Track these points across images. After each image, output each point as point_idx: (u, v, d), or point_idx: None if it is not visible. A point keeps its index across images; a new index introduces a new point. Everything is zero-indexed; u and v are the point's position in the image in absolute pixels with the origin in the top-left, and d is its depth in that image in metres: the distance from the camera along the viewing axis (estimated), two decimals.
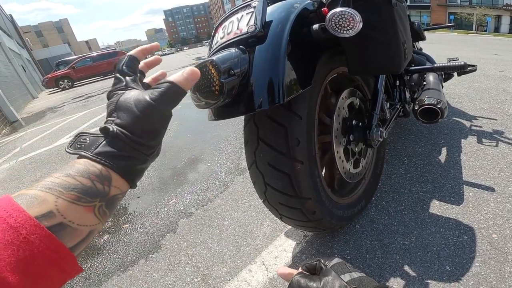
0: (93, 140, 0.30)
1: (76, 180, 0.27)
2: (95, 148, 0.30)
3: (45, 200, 0.25)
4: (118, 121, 0.31)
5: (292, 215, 0.84)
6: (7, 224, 0.22)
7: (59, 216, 0.25)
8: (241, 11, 0.71)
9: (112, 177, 0.29)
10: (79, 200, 0.26)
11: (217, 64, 0.57)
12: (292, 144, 0.72)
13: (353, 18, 0.63)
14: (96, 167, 0.29)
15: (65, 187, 0.26)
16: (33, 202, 0.24)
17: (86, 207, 0.27)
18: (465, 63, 1.12)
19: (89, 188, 0.27)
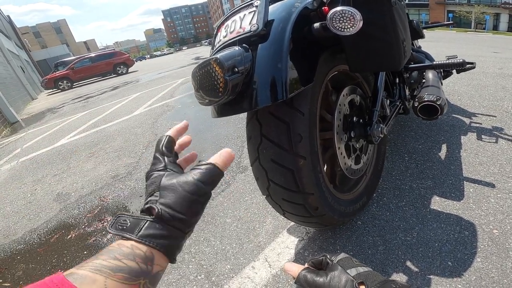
0: (134, 222, 0.33)
1: (122, 263, 0.29)
2: (139, 231, 0.32)
3: (96, 280, 0.27)
4: (162, 201, 0.33)
5: (295, 211, 0.84)
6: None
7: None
8: (243, 10, 0.72)
9: (155, 257, 0.32)
10: (126, 280, 0.29)
11: (221, 62, 0.58)
12: (294, 140, 0.73)
13: (354, 17, 0.65)
14: (141, 250, 0.31)
15: (113, 269, 0.28)
16: (84, 281, 0.26)
17: (132, 285, 0.29)
18: (463, 60, 1.13)
19: (134, 269, 0.30)
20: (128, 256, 0.30)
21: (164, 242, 0.32)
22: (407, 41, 0.85)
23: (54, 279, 0.26)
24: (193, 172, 0.35)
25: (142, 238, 0.32)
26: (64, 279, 0.26)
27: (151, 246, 0.31)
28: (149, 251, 0.31)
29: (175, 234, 0.33)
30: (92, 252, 1.25)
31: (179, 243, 0.34)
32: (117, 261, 0.29)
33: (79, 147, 3.01)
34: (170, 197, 0.34)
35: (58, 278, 0.26)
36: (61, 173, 2.37)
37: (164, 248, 0.32)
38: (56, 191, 2.02)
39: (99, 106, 5.48)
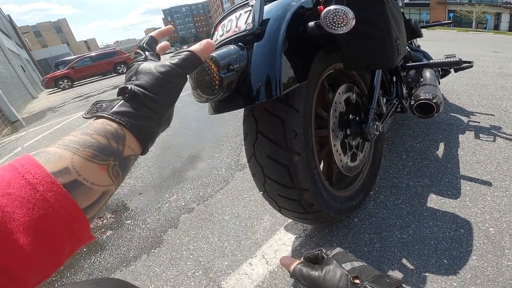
0: (108, 104, 0.32)
1: (92, 138, 0.27)
2: (112, 108, 0.31)
3: (62, 156, 0.25)
4: (137, 82, 0.33)
5: (291, 207, 0.85)
6: (25, 181, 0.22)
7: (74, 173, 0.24)
8: (240, 9, 0.73)
9: (126, 137, 0.30)
10: (95, 158, 0.27)
11: (217, 60, 0.59)
12: (289, 137, 0.74)
13: (346, 15, 0.66)
14: (112, 126, 0.30)
15: (82, 144, 0.26)
16: (51, 158, 0.24)
17: (100, 165, 0.27)
18: (460, 59, 1.14)
19: (104, 146, 0.28)
20: (99, 132, 0.28)
21: (135, 121, 0.31)
22: (401, 39, 0.86)
23: (21, 159, 0.24)
24: (170, 58, 0.36)
25: (113, 114, 0.30)
26: (31, 158, 0.24)
27: (121, 123, 0.30)
28: (120, 128, 0.30)
29: (147, 115, 0.32)
30: (91, 249, 1.26)
31: (151, 127, 0.33)
32: (87, 136, 0.27)
33: None
34: (145, 78, 0.34)
35: (24, 157, 0.24)
36: None
37: (135, 128, 0.31)
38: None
39: None
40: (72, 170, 0.24)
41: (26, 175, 0.22)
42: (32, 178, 0.22)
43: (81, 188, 0.25)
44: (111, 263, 1.15)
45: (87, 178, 0.25)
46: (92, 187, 0.26)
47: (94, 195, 0.26)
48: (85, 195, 0.25)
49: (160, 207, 1.47)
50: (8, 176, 0.22)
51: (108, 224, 1.43)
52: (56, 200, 0.22)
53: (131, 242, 1.25)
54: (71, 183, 0.24)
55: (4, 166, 0.23)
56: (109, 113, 0.30)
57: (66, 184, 0.23)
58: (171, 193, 1.60)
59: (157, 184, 1.75)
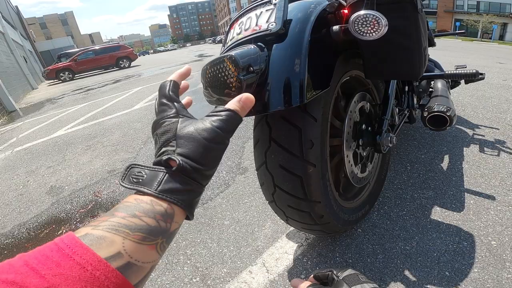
0: (151, 174, 0.30)
1: (142, 221, 0.27)
2: (159, 185, 0.29)
3: (113, 241, 0.25)
4: (180, 151, 0.31)
5: (300, 218, 0.83)
6: (73, 261, 0.22)
7: (126, 257, 0.25)
8: (260, 7, 0.69)
9: (175, 214, 0.29)
10: (144, 240, 0.27)
11: (236, 59, 0.54)
12: (306, 146, 0.70)
13: (378, 22, 0.62)
14: (162, 206, 0.29)
15: (132, 228, 0.26)
16: (102, 243, 0.24)
17: (150, 245, 0.27)
18: (476, 71, 1.12)
19: (153, 228, 0.27)
20: (148, 214, 0.28)
21: (185, 197, 0.30)
22: (427, 49, 0.83)
23: (65, 239, 0.24)
24: (211, 118, 0.33)
25: (162, 193, 0.29)
26: (77, 240, 0.24)
27: (173, 202, 0.29)
28: (170, 207, 0.29)
29: (195, 188, 0.31)
30: None
31: (197, 197, 0.32)
32: (136, 219, 0.27)
33: (76, 139, 2.99)
34: (189, 146, 0.31)
35: (69, 238, 0.24)
36: (55, 165, 2.34)
37: (185, 203, 0.30)
38: (49, 184, 1.99)
39: (99, 99, 5.45)
40: (124, 254, 0.25)
41: (74, 256, 0.22)
42: (79, 259, 0.22)
43: (133, 268, 0.25)
44: None
45: (138, 259, 0.26)
46: (143, 265, 0.26)
47: (144, 271, 0.27)
48: (137, 273, 0.26)
49: None
50: (57, 255, 0.22)
51: None
52: (106, 278, 0.23)
53: None
54: (124, 265, 0.25)
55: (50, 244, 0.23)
56: (158, 191, 0.29)
57: (120, 267, 0.24)
58: None
59: None
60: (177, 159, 0.30)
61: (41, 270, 0.21)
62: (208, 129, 0.31)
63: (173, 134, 0.32)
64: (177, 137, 0.32)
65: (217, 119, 0.32)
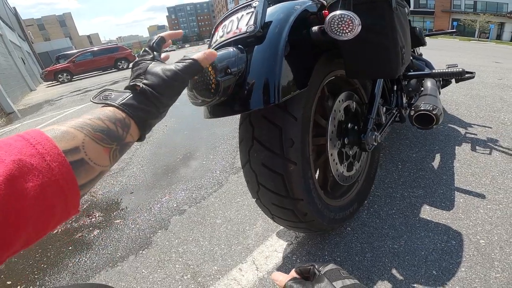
0: (118, 94, 0.37)
1: (104, 123, 0.31)
2: (122, 100, 0.35)
3: (75, 136, 0.28)
4: (146, 82, 0.38)
5: (284, 216, 0.84)
6: (35, 150, 0.24)
7: (82, 153, 0.27)
8: (242, 10, 0.71)
9: (131, 126, 0.35)
10: (102, 141, 0.30)
11: (214, 62, 0.57)
12: (286, 145, 0.72)
13: (352, 21, 0.63)
14: (121, 115, 0.34)
15: (94, 128, 0.30)
16: (65, 137, 0.27)
17: (105, 148, 0.30)
18: (463, 69, 1.13)
19: (112, 131, 0.32)
20: (110, 119, 0.32)
21: (141, 114, 0.36)
22: (406, 48, 0.84)
23: (31, 132, 0.26)
24: (176, 63, 0.41)
25: (124, 105, 0.35)
26: (41, 133, 0.26)
27: (130, 114, 0.35)
28: (127, 118, 0.34)
29: (152, 110, 0.37)
30: (77, 248, 1.24)
31: (152, 120, 0.38)
32: (100, 121, 0.31)
33: None
34: (153, 79, 0.38)
35: (35, 131, 0.26)
36: None
37: (139, 119, 0.36)
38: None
39: None
40: (81, 149, 0.27)
41: (36, 146, 0.24)
42: (41, 148, 0.24)
43: (85, 166, 0.28)
44: (97, 263, 1.13)
45: (92, 158, 0.28)
46: (94, 166, 0.29)
47: (93, 174, 0.29)
48: (86, 173, 0.28)
49: (151, 208, 1.46)
50: (20, 145, 0.24)
51: (96, 223, 1.41)
52: (59, 171, 0.24)
53: (119, 242, 1.23)
54: (78, 161, 0.27)
55: (12, 136, 0.25)
56: (120, 103, 0.35)
57: (73, 162, 0.26)
58: (163, 193, 1.58)
59: (149, 183, 1.74)
60: (141, 84, 0.37)
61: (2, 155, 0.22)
62: (171, 70, 0.39)
63: (143, 71, 0.40)
64: (146, 72, 0.39)
65: (181, 64, 0.41)
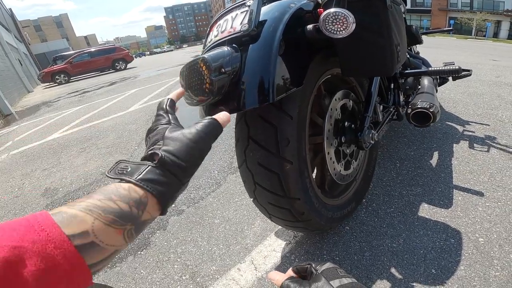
0: (135, 167, 0.33)
1: (116, 205, 0.28)
2: (139, 174, 0.31)
3: (84, 220, 0.26)
4: (165, 148, 0.34)
5: (281, 215, 0.84)
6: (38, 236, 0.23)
7: (92, 236, 0.26)
8: (236, 9, 0.71)
9: (148, 203, 0.31)
10: (114, 223, 0.28)
11: (208, 62, 0.57)
12: (282, 144, 0.72)
13: (346, 19, 0.63)
14: (137, 193, 0.30)
15: (105, 210, 0.27)
16: (72, 221, 0.25)
17: (117, 229, 0.28)
18: (459, 67, 1.13)
19: (125, 212, 0.29)
20: (123, 199, 0.29)
21: (161, 188, 0.32)
22: (401, 46, 0.84)
23: (39, 216, 0.25)
24: (196, 124, 0.37)
25: (141, 181, 0.31)
26: (49, 217, 0.25)
27: (148, 190, 0.31)
28: (144, 195, 0.31)
29: (173, 182, 0.33)
30: None
31: (175, 193, 0.34)
32: (111, 202, 0.28)
33: (71, 141, 2.98)
34: (174, 145, 0.34)
35: (42, 215, 0.25)
36: (51, 167, 2.34)
37: (160, 194, 0.32)
38: (44, 186, 1.99)
39: (95, 101, 5.43)
40: (91, 233, 0.26)
41: (40, 233, 0.23)
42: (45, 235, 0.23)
43: (95, 248, 0.26)
44: None
45: (103, 240, 0.27)
46: (106, 248, 0.27)
47: (105, 253, 0.27)
48: (98, 253, 0.26)
49: None
50: (23, 230, 0.23)
51: None
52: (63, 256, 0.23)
53: None
54: (87, 244, 0.25)
55: (19, 220, 0.24)
56: (137, 179, 0.31)
57: (82, 245, 0.25)
58: None
59: None
60: (160, 153, 0.33)
61: (2, 240, 0.22)
62: (192, 132, 0.36)
63: (161, 136, 0.36)
64: (164, 138, 0.36)
65: (201, 124, 0.37)
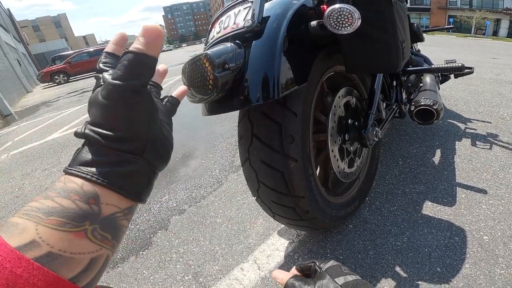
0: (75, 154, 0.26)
1: (54, 202, 0.22)
2: (73, 160, 0.24)
3: (26, 228, 0.21)
4: (89, 120, 0.26)
5: (285, 214, 0.83)
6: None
7: (44, 246, 0.21)
8: (239, 5, 0.70)
9: (98, 193, 0.24)
10: (62, 226, 0.22)
11: (211, 58, 0.56)
12: (286, 141, 0.71)
13: (352, 15, 0.63)
14: (75, 183, 0.23)
15: (44, 211, 0.22)
16: (14, 231, 0.20)
17: (74, 233, 0.22)
18: (462, 65, 1.12)
19: (70, 210, 0.22)
20: (60, 193, 0.23)
21: (104, 169, 0.24)
22: (406, 43, 0.83)
23: None
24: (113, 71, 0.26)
25: (75, 167, 0.24)
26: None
27: (86, 177, 0.23)
28: (86, 184, 0.23)
29: (120, 159, 0.25)
30: None
31: (131, 171, 0.25)
32: (49, 200, 0.22)
33: (71, 141, 2.97)
34: (93, 111, 0.25)
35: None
36: (51, 167, 2.33)
37: (108, 180, 0.24)
38: (45, 186, 1.98)
39: None
40: (41, 242, 0.21)
41: None
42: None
43: (59, 259, 0.21)
44: None
45: (63, 249, 0.21)
46: (73, 256, 0.22)
47: (79, 264, 0.22)
48: (67, 265, 0.21)
49: (151, 208, 1.44)
50: None
51: None
52: (30, 275, 0.19)
53: None
54: (45, 256, 0.20)
55: None
56: (69, 165, 0.24)
57: (38, 258, 0.20)
58: (163, 193, 1.57)
59: None
60: (80, 128, 0.26)
61: None
62: (105, 86, 0.25)
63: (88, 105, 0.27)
64: (89, 106, 0.26)
65: (117, 68, 0.25)
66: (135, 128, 0.26)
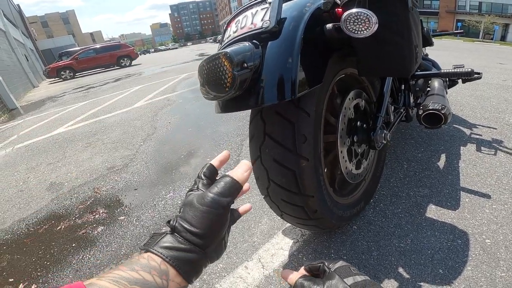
0: (157, 236, 0.34)
1: (139, 274, 0.30)
2: (157, 243, 0.33)
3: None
4: (181, 215, 0.35)
5: (294, 213, 0.84)
6: None
7: None
8: (256, 6, 0.71)
9: (169, 271, 0.31)
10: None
11: (231, 56, 0.56)
12: (299, 141, 0.72)
13: (369, 19, 0.63)
14: (155, 261, 0.31)
15: (130, 280, 0.29)
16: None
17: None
18: (472, 70, 1.12)
19: (149, 281, 0.29)
20: (144, 268, 0.30)
21: (176, 254, 0.32)
22: (419, 47, 0.84)
23: (74, 287, 0.26)
24: (210, 188, 0.37)
25: (157, 249, 0.32)
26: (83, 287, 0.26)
27: (163, 258, 0.31)
28: (163, 264, 0.31)
29: (190, 249, 0.33)
30: (81, 245, 1.24)
31: (194, 260, 0.33)
32: (134, 272, 0.30)
33: (76, 136, 3.00)
34: (188, 211, 0.35)
35: (78, 286, 0.26)
36: (56, 162, 2.36)
37: (176, 261, 0.32)
38: (49, 180, 2.01)
39: (100, 97, 5.46)
40: None
41: None
42: None
43: None
44: (101, 260, 1.13)
45: None
46: None
47: None
48: None
49: (156, 204, 1.46)
50: None
51: (100, 220, 1.41)
52: None
53: (123, 239, 1.23)
54: None
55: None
56: (153, 247, 0.32)
57: None
58: (168, 190, 1.58)
59: (154, 180, 1.74)
60: (173, 219, 0.35)
61: None
62: (204, 196, 0.35)
63: (183, 204, 0.37)
64: (184, 204, 0.36)
65: (214, 185, 0.36)
66: (213, 231, 0.35)
